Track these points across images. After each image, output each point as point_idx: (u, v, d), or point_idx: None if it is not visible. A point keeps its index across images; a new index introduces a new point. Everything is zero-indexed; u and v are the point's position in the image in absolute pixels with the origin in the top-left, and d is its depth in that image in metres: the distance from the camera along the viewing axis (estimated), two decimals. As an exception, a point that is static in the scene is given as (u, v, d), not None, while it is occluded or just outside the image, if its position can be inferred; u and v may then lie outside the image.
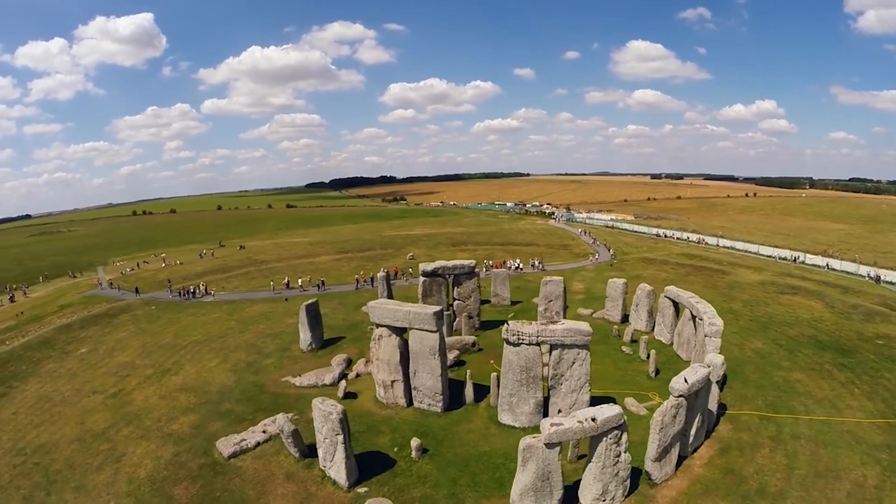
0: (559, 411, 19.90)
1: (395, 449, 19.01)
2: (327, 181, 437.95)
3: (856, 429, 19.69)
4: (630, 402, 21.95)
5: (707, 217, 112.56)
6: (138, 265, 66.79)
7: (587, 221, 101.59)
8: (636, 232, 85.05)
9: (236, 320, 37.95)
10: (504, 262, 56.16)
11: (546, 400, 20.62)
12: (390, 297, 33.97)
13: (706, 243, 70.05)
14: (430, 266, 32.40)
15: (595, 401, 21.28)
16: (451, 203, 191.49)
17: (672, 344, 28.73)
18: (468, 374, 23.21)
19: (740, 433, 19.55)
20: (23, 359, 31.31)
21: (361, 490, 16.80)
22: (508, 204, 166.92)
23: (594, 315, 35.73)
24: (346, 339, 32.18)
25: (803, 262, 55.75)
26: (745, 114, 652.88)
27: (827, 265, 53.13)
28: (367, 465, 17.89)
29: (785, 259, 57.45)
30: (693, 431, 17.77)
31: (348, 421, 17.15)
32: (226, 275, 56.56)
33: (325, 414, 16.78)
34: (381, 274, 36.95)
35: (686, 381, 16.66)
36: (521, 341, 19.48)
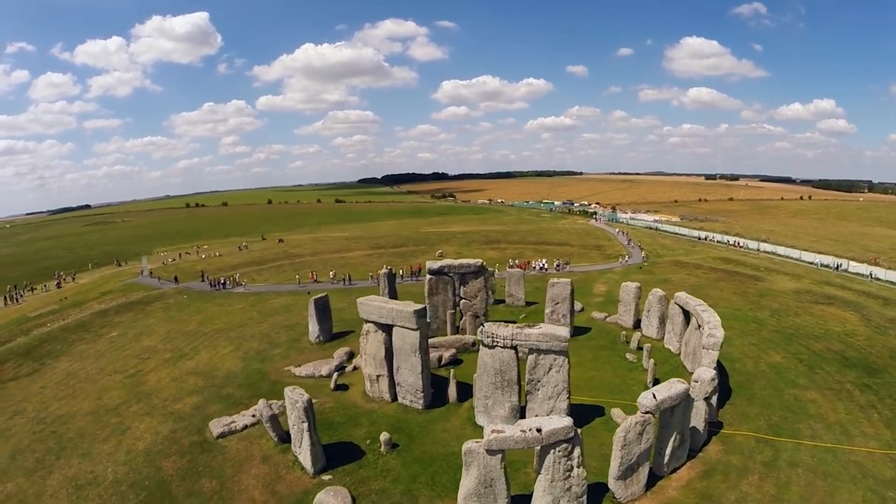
0: (536, 417, 19.55)
1: (368, 441, 19.44)
2: (380, 177, 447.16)
3: (865, 460, 17.80)
4: (616, 412, 21.15)
5: (757, 220, 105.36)
6: (180, 255, 71.32)
7: (629, 222, 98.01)
8: (677, 234, 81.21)
9: (258, 311, 39.88)
10: (529, 263, 55.44)
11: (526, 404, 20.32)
12: (392, 294, 34.50)
13: (747, 247, 65.94)
14: (435, 264, 32.54)
15: (581, 409, 20.88)
16: (499, 201, 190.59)
17: (680, 353, 27.38)
18: (452, 373, 23.24)
19: (730, 456, 18.20)
20: (58, 339, 34.48)
21: (326, 477, 17.37)
22: (556, 202, 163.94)
23: (607, 319, 34.67)
24: (355, 334, 32.72)
25: (846, 270, 51.32)
26: (802, 113, 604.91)
27: (871, 274, 48.47)
28: (336, 455, 18.46)
29: (827, 266, 53.09)
30: (668, 450, 16.81)
31: (313, 409, 17.75)
32: (258, 267, 59.38)
33: (292, 402, 17.48)
34: (382, 271, 37.68)
35: (654, 396, 15.88)
36: (495, 343, 19.27)
